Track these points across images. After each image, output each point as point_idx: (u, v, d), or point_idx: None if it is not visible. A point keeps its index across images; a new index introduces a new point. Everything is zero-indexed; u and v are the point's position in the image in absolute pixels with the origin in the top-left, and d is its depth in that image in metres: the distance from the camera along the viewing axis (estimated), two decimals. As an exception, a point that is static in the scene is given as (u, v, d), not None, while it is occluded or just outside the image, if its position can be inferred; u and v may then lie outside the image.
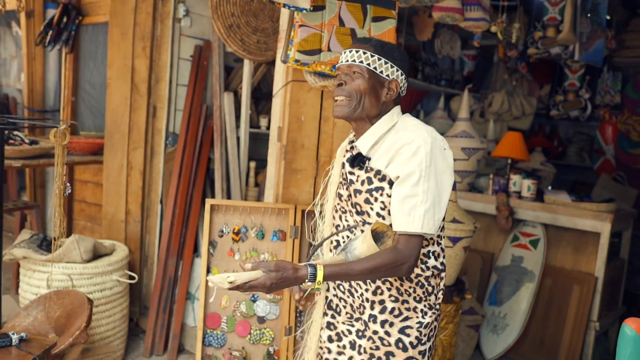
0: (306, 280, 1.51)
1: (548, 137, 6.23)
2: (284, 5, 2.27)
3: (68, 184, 2.66)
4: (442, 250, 1.69)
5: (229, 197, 3.79)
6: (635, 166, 5.63)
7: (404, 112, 1.71)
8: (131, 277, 3.41)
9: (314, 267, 1.50)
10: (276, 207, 2.68)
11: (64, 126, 2.55)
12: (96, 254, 3.28)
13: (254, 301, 2.66)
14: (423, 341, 1.64)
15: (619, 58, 5.48)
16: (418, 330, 1.64)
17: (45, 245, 3.31)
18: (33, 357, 2.34)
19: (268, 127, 4.03)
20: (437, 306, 1.69)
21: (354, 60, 1.64)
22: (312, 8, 2.31)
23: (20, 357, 2.32)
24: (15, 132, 3.55)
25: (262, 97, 4.17)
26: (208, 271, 2.65)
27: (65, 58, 4.41)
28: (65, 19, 4.18)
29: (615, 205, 3.78)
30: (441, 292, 1.69)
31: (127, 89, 3.62)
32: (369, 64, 1.63)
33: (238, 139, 3.86)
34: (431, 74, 5.29)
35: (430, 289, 1.67)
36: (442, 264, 1.68)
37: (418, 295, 1.65)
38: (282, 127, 2.70)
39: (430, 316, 1.67)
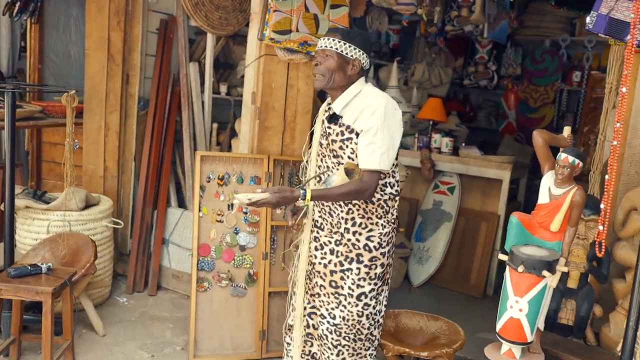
0: (299, 198, 2.16)
1: (462, 103, 7.12)
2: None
3: (76, 141, 3.15)
4: (397, 181, 2.39)
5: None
6: (532, 128, 6.62)
7: (366, 81, 2.38)
8: (116, 223, 3.92)
9: (304, 189, 2.16)
10: (253, 157, 3.31)
11: (73, 91, 3.03)
12: (87, 204, 3.76)
13: (237, 233, 3.29)
14: (383, 245, 2.35)
15: (520, 36, 6.43)
16: (379, 238, 2.34)
17: (37, 197, 3.75)
18: (63, 281, 2.87)
19: (227, 93, 4.59)
20: (393, 221, 2.39)
21: (326, 46, 2.27)
22: (285, -3, 2.93)
23: (51, 282, 2.84)
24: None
25: (220, 66, 4.71)
26: (200, 209, 3.23)
27: (30, 28, 4.71)
28: (32, -9, 4.47)
29: (513, 158, 4.69)
30: (395, 210, 2.39)
31: (104, 58, 4.05)
32: (337, 48, 2.26)
33: (203, 103, 4.40)
34: (363, 46, 5.95)
35: (387, 208, 2.37)
36: (396, 191, 2.38)
37: (379, 213, 2.35)
38: (255, 93, 3.31)
39: (388, 227, 2.37)
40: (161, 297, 4.12)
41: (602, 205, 1.76)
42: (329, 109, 2.38)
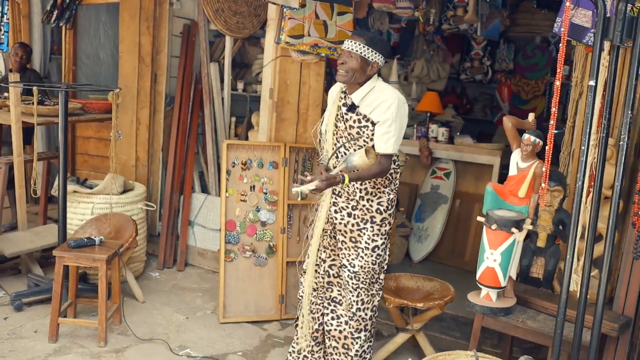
0: (340, 181, 2.63)
1: (459, 96, 7.60)
2: (282, 6, 3.37)
3: (120, 132, 3.66)
4: (398, 157, 2.88)
5: (217, 146, 4.85)
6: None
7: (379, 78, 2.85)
8: (149, 206, 4.44)
9: (343, 176, 2.64)
10: (271, 145, 3.82)
11: (118, 90, 3.54)
12: (124, 189, 4.27)
13: (258, 211, 3.80)
14: (389, 208, 2.84)
15: (512, 33, 6.89)
16: (387, 202, 2.83)
17: (80, 183, 4.26)
18: (114, 250, 3.39)
19: (244, 90, 5.10)
20: (395, 189, 2.88)
21: (352, 49, 2.71)
22: (299, 7, 3.42)
23: (104, 251, 3.36)
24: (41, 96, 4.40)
25: (237, 65, 5.21)
26: (226, 190, 3.74)
27: (65, 33, 5.23)
28: (67, 0, 4.99)
29: (503, 145, 5.17)
30: (397, 181, 2.88)
31: (135, 60, 4.56)
32: (361, 52, 2.70)
33: (222, 99, 4.90)
34: (366, 45, 6.44)
35: (391, 179, 2.85)
36: (397, 165, 2.86)
37: (385, 183, 2.84)
38: (273, 89, 3.81)
39: (392, 194, 2.86)
40: (189, 272, 4.64)
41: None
42: (345, 96, 2.84)
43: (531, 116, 2.68)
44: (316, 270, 3.01)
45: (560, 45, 1.98)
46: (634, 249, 2.13)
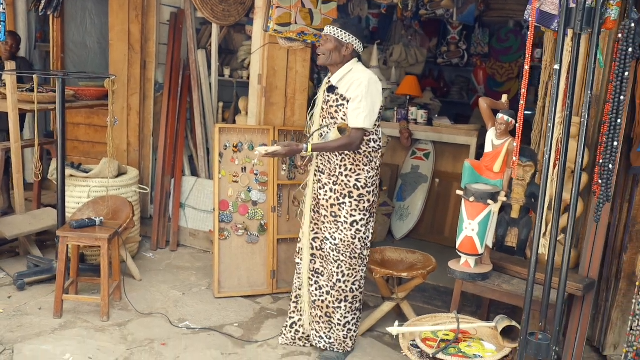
0: (303, 150, 2.88)
1: (436, 79, 7.84)
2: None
3: (116, 118, 3.81)
4: (379, 138, 3.11)
5: (205, 130, 5.02)
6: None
7: (358, 61, 3.08)
8: (143, 189, 4.60)
9: (307, 144, 2.88)
10: (261, 128, 4.01)
11: (114, 77, 3.69)
12: (119, 173, 4.43)
13: (250, 191, 4.00)
14: (369, 185, 3.07)
15: (487, 17, 7.13)
16: (365, 179, 3.06)
17: (75, 168, 4.40)
18: (115, 230, 3.57)
19: (230, 76, 5.26)
20: (376, 168, 3.11)
21: (327, 32, 2.98)
22: (286, -4, 3.60)
23: (105, 231, 3.53)
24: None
25: (223, 52, 5.36)
26: (219, 172, 3.93)
27: (53, 22, 5.31)
28: (55, -11, 5.07)
29: (479, 126, 5.43)
30: (378, 160, 3.11)
31: (125, 48, 4.69)
32: (334, 34, 2.97)
33: (210, 85, 5.06)
34: (347, 31, 6.63)
35: (371, 158, 3.07)
36: (378, 145, 3.09)
37: (365, 162, 3.06)
38: (261, 75, 4.00)
39: (372, 172, 3.07)
40: (181, 252, 4.83)
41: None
42: (329, 81, 3.08)
43: (504, 97, 2.92)
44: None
45: (529, 32, 2.21)
46: (594, 214, 2.39)
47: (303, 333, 3.33)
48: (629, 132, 3.06)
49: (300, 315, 3.30)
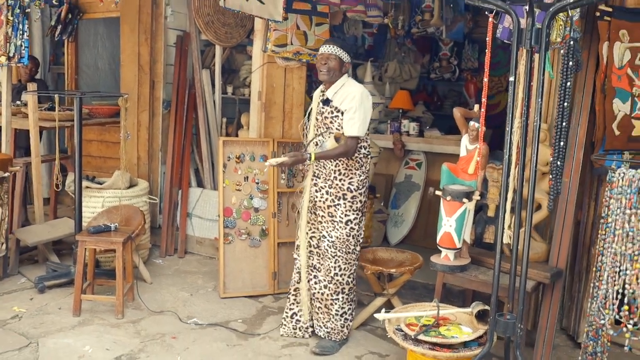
0: (307, 158, 3.21)
1: (430, 94, 8.20)
2: (267, 19, 3.91)
3: (129, 132, 4.17)
4: (369, 145, 3.45)
5: (210, 144, 5.37)
6: (490, 113, 7.70)
7: (348, 76, 3.43)
8: (153, 199, 4.94)
9: (310, 153, 3.22)
10: (261, 140, 4.36)
11: (126, 95, 4.05)
12: (130, 184, 4.77)
13: (251, 199, 4.34)
14: (360, 187, 3.41)
15: (475, 34, 7.50)
16: (357, 182, 3.39)
17: (89, 180, 4.76)
18: (128, 235, 3.90)
19: (233, 93, 5.63)
20: (367, 172, 3.43)
21: (332, 52, 3.31)
22: (282, 20, 3.97)
23: (120, 235, 3.87)
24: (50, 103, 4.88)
25: (226, 71, 5.73)
26: (223, 181, 4.27)
27: (67, 46, 5.71)
28: (70, 15, 5.48)
29: (468, 136, 5.76)
30: (369, 165, 3.45)
31: (135, 68, 5.07)
32: (338, 55, 3.32)
33: (214, 102, 5.42)
34: (343, 49, 7.01)
35: (362, 163, 3.41)
36: (368, 152, 3.43)
37: (356, 166, 3.39)
38: (261, 92, 4.36)
39: (363, 176, 3.41)
40: (188, 259, 5.15)
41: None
42: (323, 94, 3.43)
43: (476, 107, 3.26)
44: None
45: (486, 51, 2.56)
46: (548, 204, 2.71)
47: (303, 323, 3.64)
48: (592, 137, 3.39)
49: (300, 307, 3.61)
